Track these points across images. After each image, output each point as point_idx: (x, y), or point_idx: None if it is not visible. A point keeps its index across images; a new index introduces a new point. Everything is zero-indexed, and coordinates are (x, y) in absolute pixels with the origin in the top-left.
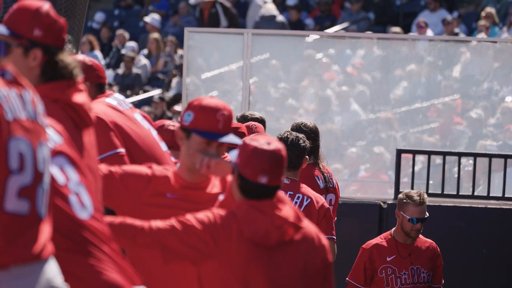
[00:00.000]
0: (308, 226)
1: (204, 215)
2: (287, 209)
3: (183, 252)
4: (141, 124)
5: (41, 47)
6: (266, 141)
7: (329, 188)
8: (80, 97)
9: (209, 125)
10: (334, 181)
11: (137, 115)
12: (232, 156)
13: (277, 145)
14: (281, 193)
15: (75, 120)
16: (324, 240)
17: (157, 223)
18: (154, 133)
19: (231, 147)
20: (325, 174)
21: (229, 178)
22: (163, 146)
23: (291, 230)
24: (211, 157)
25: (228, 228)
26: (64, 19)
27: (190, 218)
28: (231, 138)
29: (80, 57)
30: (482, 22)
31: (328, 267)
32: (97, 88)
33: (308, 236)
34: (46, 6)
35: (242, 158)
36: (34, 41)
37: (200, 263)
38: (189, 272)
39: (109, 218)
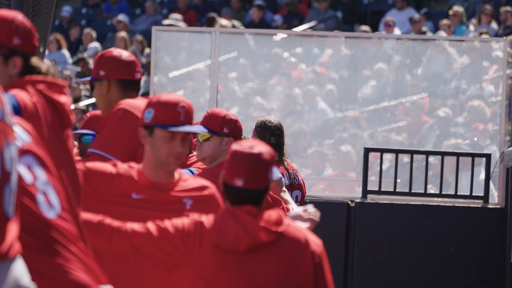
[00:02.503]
0: (294, 227)
1: (179, 220)
2: (268, 214)
3: (154, 255)
4: None
5: (20, 55)
6: (250, 145)
7: (294, 185)
8: (63, 97)
9: (171, 118)
10: (300, 178)
11: None
12: None
13: (260, 149)
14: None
15: (54, 118)
16: (315, 242)
17: (134, 225)
18: None
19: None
20: (290, 171)
21: (197, 181)
22: None
23: (263, 235)
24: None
25: (199, 234)
26: (33, 25)
27: (166, 222)
28: (194, 128)
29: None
30: (444, 21)
31: (318, 267)
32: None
33: (292, 240)
34: (20, 15)
35: (225, 163)
36: (14, 49)
37: (174, 269)
38: (164, 279)
39: (87, 216)
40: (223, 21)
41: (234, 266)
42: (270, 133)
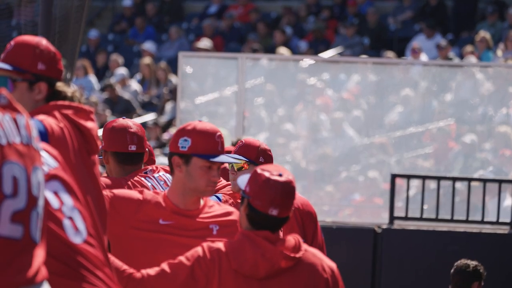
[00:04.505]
0: (312, 254)
1: (193, 251)
2: (286, 240)
3: None
4: None
5: (45, 80)
6: (278, 171)
7: None
8: (90, 123)
9: (210, 148)
10: None
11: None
12: (240, 182)
13: (287, 176)
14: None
15: (80, 144)
16: (330, 267)
17: (148, 271)
18: None
19: None
20: None
21: (222, 207)
22: None
23: (283, 262)
24: None
25: (218, 261)
26: (57, 50)
27: (179, 258)
28: (234, 158)
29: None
30: (468, 48)
31: None
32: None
33: (309, 265)
34: (44, 40)
35: (253, 188)
36: (39, 74)
37: None
38: None
39: None
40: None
41: None
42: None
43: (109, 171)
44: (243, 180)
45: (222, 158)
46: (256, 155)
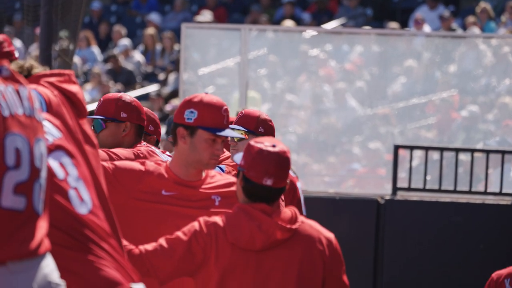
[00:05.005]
0: (309, 226)
1: (190, 226)
2: (282, 212)
3: (174, 268)
4: None
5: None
6: (271, 143)
7: (297, 176)
8: (74, 87)
9: (216, 122)
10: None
11: None
12: (236, 158)
13: (282, 147)
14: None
15: (70, 109)
16: (327, 238)
17: (146, 246)
18: None
19: None
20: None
21: (225, 178)
22: None
23: (279, 233)
24: None
25: (214, 234)
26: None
27: (177, 233)
28: (237, 133)
29: (125, 96)
30: (471, 19)
31: (332, 263)
32: (137, 130)
33: (306, 237)
34: None
35: (247, 160)
36: None
37: (195, 274)
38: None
39: None
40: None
41: (250, 263)
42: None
43: (117, 141)
44: (238, 156)
45: (227, 132)
46: (256, 125)
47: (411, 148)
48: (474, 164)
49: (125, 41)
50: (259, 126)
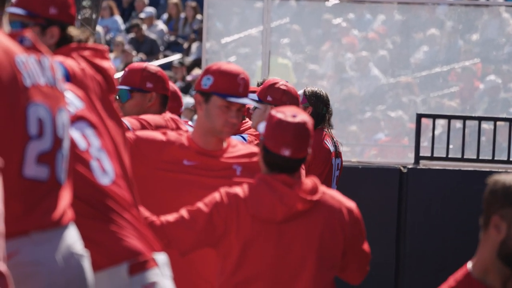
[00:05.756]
0: (330, 196)
1: (211, 197)
2: (303, 183)
3: (195, 240)
4: None
5: (57, 24)
6: (292, 113)
7: (337, 153)
8: (106, 63)
9: (230, 88)
10: (340, 149)
11: None
12: (260, 127)
13: (303, 117)
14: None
15: (100, 84)
16: (349, 208)
17: (167, 217)
18: None
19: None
20: (334, 139)
21: (246, 147)
22: None
23: (300, 205)
24: None
25: (235, 206)
26: None
27: (198, 204)
28: (250, 101)
29: (151, 66)
30: None
31: (353, 233)
32: (162, 100)
33: (327, 207)
34: None
35: (267, 130)
36: (51, 19)
37: (217, 246)
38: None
39: None
40: None
41: (271, 235)
42: (323, 103)
43: (142, 112)
44: (262, 126)
45: (240, 99)
46: (264, 94)
47: (434, 117)
48: (497, 133)
49: (150, 9)
50: (268, 94)
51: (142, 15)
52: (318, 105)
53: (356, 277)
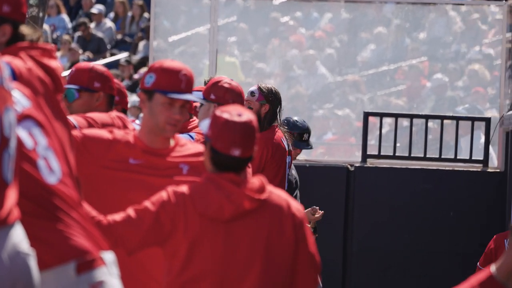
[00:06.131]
0: (276, 194)
1: (158, 196)
2: (251, 182)
3: (142, 238)
4: None
5: (10, 23)
6: (237, 112)
7: (290, 151)
8: (54, 62)
9: (172, 85)
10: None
11: None
12: (203, 126)
13: (248, 116)
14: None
15: (46, 83)
16: (296, 208)
17: (114, 216)
18: None
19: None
20: (287, 137)
21: (195, 147)
22: None
23: (247, 203)
24: None
25: (182, 204)
26: None
27: (145, 202)
28: (193, 96)
29: (97, 66)
30: None
31: (299, 232)
32: (109, 100)
33: (273, 205)
34: None
35: (213, 131)
36: (3, 17)
37: (164, 244)
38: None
39: None
40: None
41: (219, 234)
42: (278, 100)
43: (90, 111)
44: (205, 125)
45: (182, 95)
46: (208, 92)
47: (381, 115)
48: (443, 131)
49: (100, 7)
50: (211, 92)
51: (93, 11)
52: (275, 103)
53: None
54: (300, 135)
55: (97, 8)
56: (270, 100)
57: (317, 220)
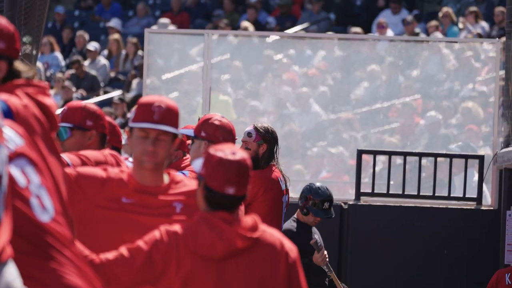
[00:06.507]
0: (269, 233)
1: (151, 235)
2: (243, 220)
3: (134, 277)
4: None
5: (5, 59)
6: (231, 151)
7: (287, 190)
8: (48, 100)
9: (144, 117)
10: (288, 185)
11: None
12: (196, 165)
13: (242, 154)
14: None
15: (42, 121)
16: (289, 248)
17: (107, 255)
18: None
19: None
20: (284, 176)
21: (192, 184)
22: None
23: (239, 242)
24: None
25: (175, 243)
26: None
27: (138, 242)
28: (166, 127)
29: (89, 104)
30: (433, 23)
31: (292, 271)
32: (101, 138)
33: (267, 244)
34: (3, 19)
35: (207, 169)
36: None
37: (156, 283)
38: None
39: None
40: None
41: (211, 272)
42: (275, 139)
43: (82, 149)
44: (198, 164)
45: (153, 125)
46: (198, 129)
47: (374, 153)
48: (437, 169)
49: (94, 44)
50: (201, 130)
51: (89, 47)
52: (272, 142)
53: None
54: (322, 202)
55: (92, 46)
56: (267, 139)
57: (326, 258)
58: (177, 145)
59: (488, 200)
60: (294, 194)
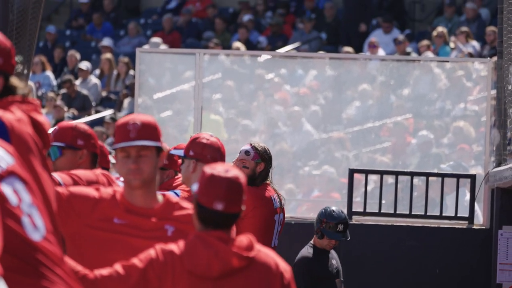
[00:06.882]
0: (264, 253)
1: (147, 253)
2: (239, 240)
3: None
4: None
5: (1, 75)
6: (225, 169)
7: (282, 209)
8: (41, 117)
9: (121, 137)
10: (283, 204)
11: None
12: (193, 187)
13: (235, 172)
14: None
15: (35, 138)
16: (284, 268)
17: (101, 271)
18: None
19: None
20: (278, 194)
21: (185, 208)
22: None
23: (235, 261)
24: None
25: (170, 262)
26: (15, 45)
27: (133, 259)
28: (142, 142)
29: (80, 124)
30: (424, 42)
31: None
32: (92, 158)
33: (262, 264)
34: (0, 34)
35: (200, 186)
36: None
37: None
38: None
39: None
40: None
41: None
42: (271, 159)
43: (73, 169)
44: (195, 185)
45: (129, 143)
46: (187, 148)
47: (366, 172)
48: (429, 188)
49: (86, 63)
50: (190, 149)
51: (81, 66)
52: (268, 161)
53: None
54: (336, 225)
55: (84, 65)
56: (265, 158)
57: None
58: (164, 157)
59: (480, 219)
60: (286, 212)
